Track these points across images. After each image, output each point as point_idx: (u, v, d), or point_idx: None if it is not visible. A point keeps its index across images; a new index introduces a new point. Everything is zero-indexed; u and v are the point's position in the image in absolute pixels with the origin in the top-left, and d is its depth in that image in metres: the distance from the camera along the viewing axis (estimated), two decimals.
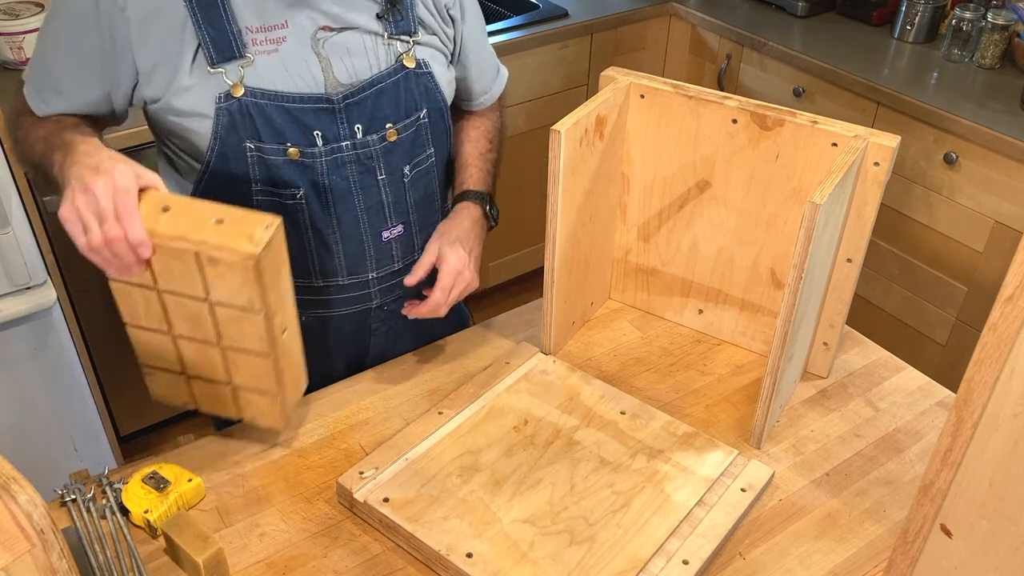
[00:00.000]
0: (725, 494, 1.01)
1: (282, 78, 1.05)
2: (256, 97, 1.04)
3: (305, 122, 1.06)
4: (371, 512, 0.99)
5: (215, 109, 1.03)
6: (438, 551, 0.93)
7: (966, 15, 2.13)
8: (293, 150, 1.07)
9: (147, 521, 0.97)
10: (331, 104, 1.07)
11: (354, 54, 1.08)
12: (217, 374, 1.00)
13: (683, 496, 1.00)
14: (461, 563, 0.92)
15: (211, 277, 0.90)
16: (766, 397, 1.06)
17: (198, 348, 0.98)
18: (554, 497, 1.00)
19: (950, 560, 0.77)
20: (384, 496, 1.00)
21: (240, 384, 1.00)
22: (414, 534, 0.95)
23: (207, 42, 1.01)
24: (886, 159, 1.04)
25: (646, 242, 1.28)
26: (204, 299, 0.92)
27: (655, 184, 1.22)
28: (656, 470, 1.04)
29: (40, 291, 1.71)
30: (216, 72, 1.02)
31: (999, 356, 0.65)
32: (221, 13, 1.01)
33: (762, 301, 1.23)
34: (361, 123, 1.09)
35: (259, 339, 0.94)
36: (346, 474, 1.02)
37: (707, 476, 1.03)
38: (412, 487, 1.01)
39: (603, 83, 1.16)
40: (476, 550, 0.94)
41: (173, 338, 0.98)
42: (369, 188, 1.12)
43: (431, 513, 0.98)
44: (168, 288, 0.93)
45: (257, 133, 1.05)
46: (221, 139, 1.05)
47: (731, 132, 1.12)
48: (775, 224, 1.16)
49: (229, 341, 0.96)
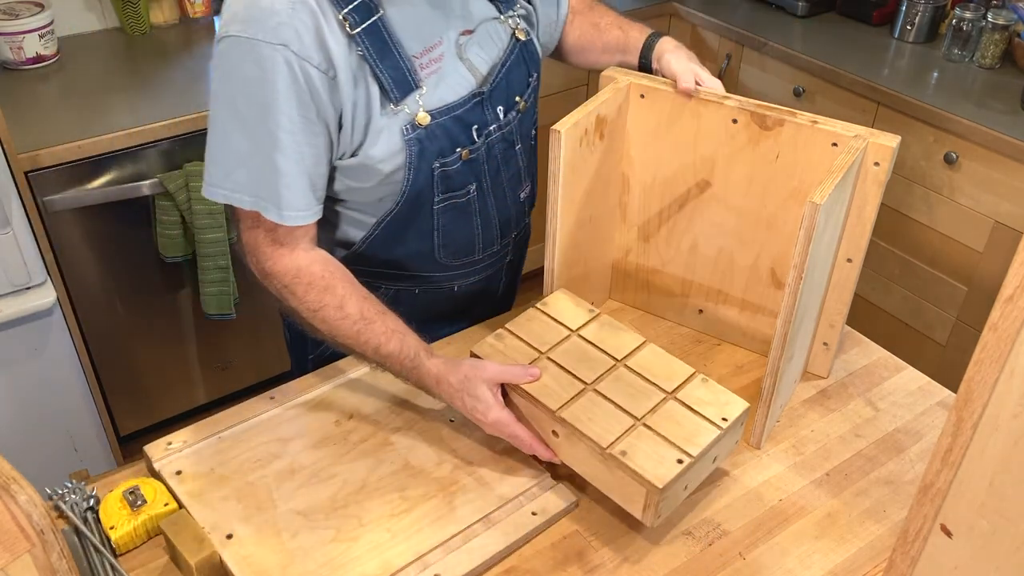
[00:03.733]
0: (514, 515, 0.99)
1: (447, 91, 1.08)
2: (436, 118, 1.07)
3: (467, 121, 1.10)
4: (165, 482, 1.01)
5: (404, 142, 1.05)
6: (202, 527, 0.95)
7: (966, 15, 2.13)
8: (464, 152, 1.11)
9: (108, 537, 0.95)
10: (481, 96, 1.11)
11: (484, 45, 1.13)
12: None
13: (468, 511, 0.99)
14: (218, 543, 0.93)
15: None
16: (767, 397, 1.06)
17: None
18: (340, 493, 1.01)
19: (950, 560, 0.77)
20: (178, 469, 1.02)
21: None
22: (188, 508, 0.97)
23: (389, 84, 1.02)
24: (886, 159, 1.04)
25: (646, 242, 1.27)
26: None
27: (655, 184, 1.22)
28: (455, 481, 1.03)
29: (40, 291, 1.71)
30: (399, 108, 1.04)
31: (999, 356, 0.65)
32: (393, 51, 1.02)
33: (762, 301, 1.22)
34: (501, 104, 1.15)
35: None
36: (154, 443, 1.05)
37: (503, 494, 1.01)
38: (209, 464, 1.03)
39: (603, 83, 1.16)
40: (238, 532, 0.95)
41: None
42: (511, 159, 1.19)
43: (213, 492, 1.00)
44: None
45: (441, 150, 1.09)
46: (414, 169, 1.08)
47: (731, 132, 1.12)
48: (775, 224, 1.15)
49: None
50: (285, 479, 1.02)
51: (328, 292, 1.05)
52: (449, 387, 1.03)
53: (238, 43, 0.96)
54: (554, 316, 1.13)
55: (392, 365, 1.05)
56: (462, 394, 1.03)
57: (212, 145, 1.03)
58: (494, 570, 0.95)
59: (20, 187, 1.64)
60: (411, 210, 1.12)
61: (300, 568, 0.92)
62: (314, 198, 1.04)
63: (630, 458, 0.94)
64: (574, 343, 1.09)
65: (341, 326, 1.05)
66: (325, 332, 1.06)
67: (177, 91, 1.93)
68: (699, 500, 1.04)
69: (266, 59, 0.95)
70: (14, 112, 1.81)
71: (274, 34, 0.94)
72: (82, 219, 1.82)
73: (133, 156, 1.81)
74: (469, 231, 1.19)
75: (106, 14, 2.21)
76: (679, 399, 1.02)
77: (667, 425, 0.98)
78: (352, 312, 1.04)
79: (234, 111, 0.99)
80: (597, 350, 1.08)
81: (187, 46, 2.16)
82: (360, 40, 0.99)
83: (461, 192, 1.14)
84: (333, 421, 1.10)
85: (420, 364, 1.04)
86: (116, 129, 1.77)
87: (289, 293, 1.05)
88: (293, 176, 1.01)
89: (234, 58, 0.97)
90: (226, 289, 1.98)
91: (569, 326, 1.11)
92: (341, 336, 1.05)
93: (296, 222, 1.03)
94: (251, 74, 0.96)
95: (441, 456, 1.06)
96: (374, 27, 1.00)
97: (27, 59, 1.98)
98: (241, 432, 1.08)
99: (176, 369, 2.17)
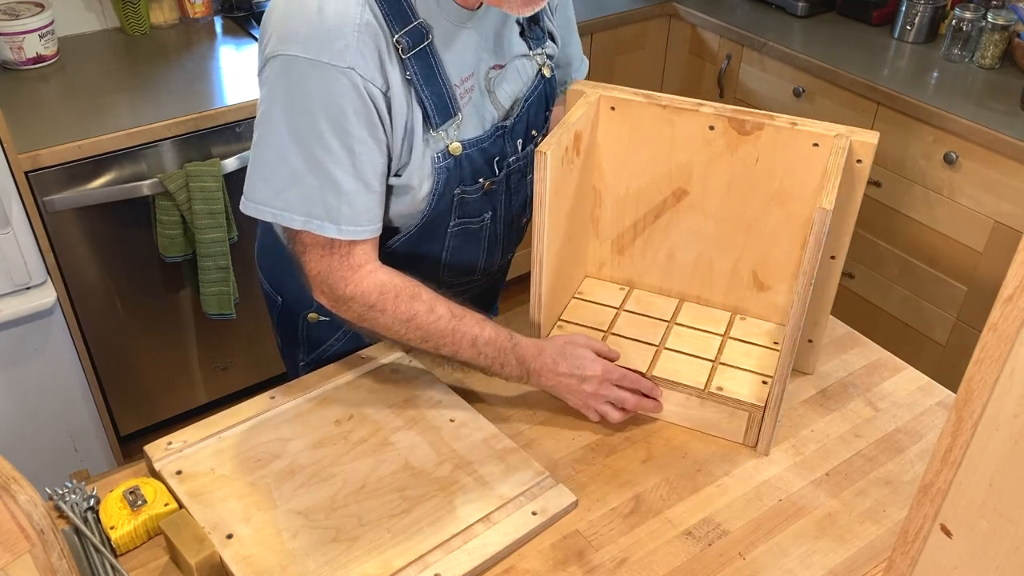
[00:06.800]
0: (514, 514, 0.99)
1: (477, 124, 1.09)
2: (466, 149, 1.07)
3: (491, 153, 1.11)
4: (165, 482, 1.01)
5: (435, 169, 1.06)
6: (202, 527, 0.95)
7: (966, 15, 2.13)
8: (487, 183, 1.12)
9: (108, 537, 0.95)
10: (504, 130, 1.12)
11: (511, 80, 1.14)
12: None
13: (469, 510, 0.99)
14: (218, 543, 0.93)
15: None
16: (775, 404, 1.06)
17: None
18: (340, 493, 1.01)
19: (950, 560, 0.77)
20: (178, 469, 1.02)
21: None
22: (188, 508, 0.97)
23: (432, 108, 1.03)
24: (868, 156, 1.04)
25: (620, 255, 1.27)
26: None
27: (628, 196, 1.21)
28: (455, 481, 1.03)
29: (40, 291, 1.72)
30: (437, 134, 1.05)
31: (999, 356, 0.65)
32: (438, 78, 1.03)
33: (744, 303, 1.23)
34: (520, 137, 1.16)
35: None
36: (154, 443, 1.05)
37: (504, 494, 1.01)
38: (209, 464, 1.03)
39: (572, 98, 1.15)
40: (238, 532, 0.95)
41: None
42: (522, 189, 1.21)
43: (214, 491, 1.00)
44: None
45: (464, 179, 1.09)
46: (439, 195, 1.09)
47: (708, 139, 1.11)
48: (756, 227, 1.15)
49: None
50: (285, 479, 1.02)
51: (416, 299, 1.05)
52: (550, 355, 1.08)
53: (296, 62, 0.94)
54: (596, 301, 1.26)
55: (490, 351, 1.07)
56: (565, 357, 1.08)
57: (262, 163, 1.00)
58: (494, 570, 0.95)
59: (20, 187, 1.64)
60: (425, 232, 1.13)
61: (300, 568, 0.92)
62: (375, 215, 1.04)
63: (728, 391, 1.09)
64: (626, 317, 1.23)
65: (436, 327, 1.05)
66: (416, 338, 1.06)
67: (177, 91, 1.93)
68: (699, 500, 1.04)
69: (332, 80, 0.94)
70: (14, 112, 1.81)
71: (340, 57, 0.93)
72: (82, 219, 1.82)
73: (133, 156, 1.81)
74: (476, 254, 1.20)
75: (106, 14, 2.21)
76: (733, 337, 1.19)
77: (738, 359, 1.15)
78: (443, 312, 1.06)
79: (293, 131, 0.97)
80: (647, 318, 1.22)
81: (187, 46, 2.17)
82: (410, 64, 0.99)
83: (477, 219, 1.15)
84: (333, 421, 1.10)
85: (518, 341, 1.08)
86: (116, 129, 1.77)
87: (377, 311, 1.04)
88: (355, 194, 1.00)
89: (294, 78, 0.95)
90: (226, 289, 1.98)
91: (612, 305, 1.25)
92: (435, 337, 1.06)
93: (355, 236, 1.02)
94: (317, 95, 0.95)
95: (441, 456, 1.06)
96: (423, 52, 1.00)
97: (27, 59, 1.98)
98: (241, 432, 1.08)
99: (176, 369, 2.17)
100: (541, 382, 1.09)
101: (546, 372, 1.08)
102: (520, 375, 1.09)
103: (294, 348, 1.33)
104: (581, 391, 1.08)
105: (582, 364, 1.07)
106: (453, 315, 1.06)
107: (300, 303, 1.26)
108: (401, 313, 1.04)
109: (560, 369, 1.07)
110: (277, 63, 0.95)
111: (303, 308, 1.26)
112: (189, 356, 2.17)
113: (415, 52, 0.99)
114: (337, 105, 0.95)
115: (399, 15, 0.97)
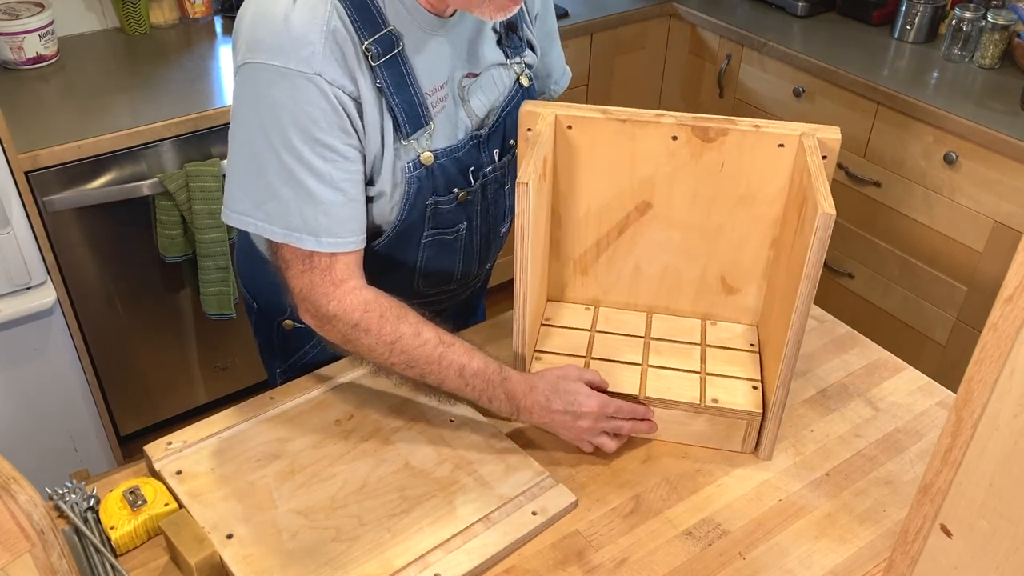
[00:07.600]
0: (514, 514, 0.99)
1: (450, 133, 1.08)
2: (438, 158, 1.06)
3: (465, 163, 1.10)
4: (165, 482, 1.01)
5: (406, 179, 1.05)
6: (202, 527, 0.95)
7: (966, 15, 2.13)
8: (462, 194, 1.11)
9: (108, 537, 0.95)
10: (478, 139, 1.11)
11: (486, 89, 1.12)
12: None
13: (469, 510, 0.99)
14: (218, 543, 0.93)
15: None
16: (777, 409, 1.06)
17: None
18: (340, 493, 1.01)
19: (950, 560, 0.77)
20: (178, 469, 1.02)
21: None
22: (188, 508, 0.97)
23: (403, 118, 1.02)
24: (834, 152, 1.05)
25: (584, 275, 1.24)
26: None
27: (589, 214, 1.17)
28: (455, 481, 1.03)
29: (40, 291, 1.71)
30: (407, 143, 1.04)
31: (999, 356, 0.65)
32: (409, 86, 1.01)
33: (713, 309, 1.23)
34: (496, 147, 1.14)
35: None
36: (154, 443, 1.05)
37: (504, 494, 1.01)
38: (208, 464, 1.03)
39: (526, 120, 1.07)
40: (238, 532, 0.95)
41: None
42: (500, 199, 1.20)
43: (214, 491, 1.00)
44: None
45: (437, 189, 1.08)
46: (410, 204, 1.07)
47: (671, 149, 1.09)
48: (723, 233, 1.15)
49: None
50: (285, 479, 1.02)
51: (402, 321, 1.01)
52: (542, 391, 1.04)
53: (264, 70, 0.93)
54: (566, 325, 1.22)
55: (477, 383, 1.03)
56: (559, 394, 1.04)
57: (239, 173, 0.99)
58: (494, 570, 0.95)
59: (20, 187, 1.64)
60: (398, 243, 1.11)
61: (300, 568, 0.92)
62: (357, 226, 1.02)
63: (724, 402, 1.08)
64: (600, 339, 1.20)
65: (421, 353, 1.02)
66: (400, 363, 1.03)
67: (177, 91, 1.93)
68: (699, 500, 1.04)
69: (300, 88, 0.93)
70: (14, 112, 1.81)
71: (307, 63, 0.92)
72: (82, 219, 1.82)
73: (133, 156, 1.81)
74: (451, 264, 1.18)
75: (106, 14, 2.21)
76: (711, 344, 1.18)
77: (722, 367, 1.14)
78: (430, 337, 1.02)
79: (265, 141, 0.95)
80: (621, 336, 1.20)
81: (187, 46, 2.17)
82: (380, 72, 0.98)
83: (451, 230, 1.14)
84: (333, 421, 1.10)
85: (508, 375, 1.04)
86: (116, 129, 1.77)
87: (361, 331, 1.01)
88: (332, 204, 0.98)
89: (262, 86, 0.94)
90: (226, 289, 1.98)
91: (584, 327, 1.21)
92: (421, 363, 1.02)
93: (336, 248, 0.99)
94: (285, 103, 0.93)
95: (441, 456, 1.06)
96: (394, 60, 0.99)
97: (27, 59, 1.98)
98: (241, 432, 1.08)
99: (176, 369, 2.17)
100: (532, 419, 1.06)
101: (538, 409, 1.04)
102: (509, 411, 1.05)
103: (272, 357, 1.32)
104: (576, 427, 1.05)
105: (577, 400, 1.04)
106: (441, 341, 1.02)
107: (275, 308, 1.24)
108: (386, 334, 1.01)
109: (554, 407, 1.04)
110: (246, 71, 0.94)
111: (278, 314, 1.25)
112: (189, 356, 2.17)
113: (385, 60, 0.98)
114: (306, 113, 0.94)
115: (368, 22, 0.96)
